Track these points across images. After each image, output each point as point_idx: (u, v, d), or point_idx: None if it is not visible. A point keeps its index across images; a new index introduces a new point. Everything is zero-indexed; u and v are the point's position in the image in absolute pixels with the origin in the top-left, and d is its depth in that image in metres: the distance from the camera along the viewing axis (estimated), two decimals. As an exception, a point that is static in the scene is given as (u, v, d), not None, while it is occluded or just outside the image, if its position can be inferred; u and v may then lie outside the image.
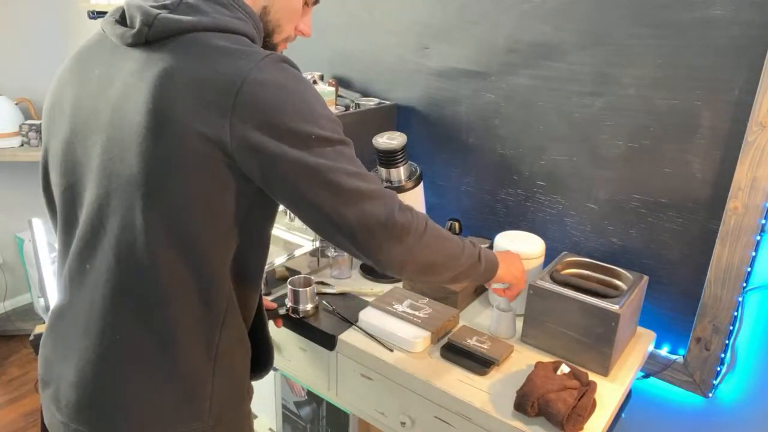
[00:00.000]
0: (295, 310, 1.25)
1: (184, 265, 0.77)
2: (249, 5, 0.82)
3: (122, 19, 0.79)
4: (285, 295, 1.30)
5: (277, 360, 1.40)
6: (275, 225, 1.63)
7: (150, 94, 0.72)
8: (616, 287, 1.20)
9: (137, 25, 0.75)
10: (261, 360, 0.98)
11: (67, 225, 0.84)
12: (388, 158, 1.39)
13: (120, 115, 0.75)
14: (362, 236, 0.79)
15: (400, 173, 1.41)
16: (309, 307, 1.26)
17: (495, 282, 1.07)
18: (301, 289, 1.25)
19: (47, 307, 2.21)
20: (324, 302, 1.31)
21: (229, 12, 0.79)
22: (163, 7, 0.76)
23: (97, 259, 0.79)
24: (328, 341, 1.23)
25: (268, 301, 1.22)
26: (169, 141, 0.72)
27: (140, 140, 0.73)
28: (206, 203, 0.75)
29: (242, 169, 0.74)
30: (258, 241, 0.85)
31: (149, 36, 0.75)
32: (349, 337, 1.22)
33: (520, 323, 1.23)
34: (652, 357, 1.33)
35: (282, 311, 1.24)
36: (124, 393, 0.80)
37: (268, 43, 0.90)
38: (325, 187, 0.76)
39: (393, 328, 1.19)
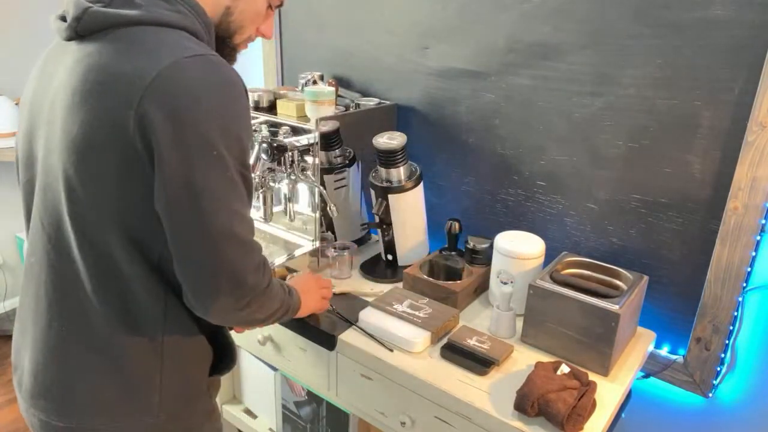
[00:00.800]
0: None
1: (107, 263, 0.78)
2: (197, 1, 0.81)
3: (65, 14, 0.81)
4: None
5: (277, 360, 1.41)
6: (275, 224, 1.63)
7: (73, 87, 0.73)
8: (616, 287, 1.20)
9: (69, 19, 0.76)
10: (223, 358, 0.96)
11: (28, 218, 0.88)
12: (388, 158, 1.39)
13: (53, 109, 0.77)
14: (203, 279, 0.74)
15: (400, 173, 1.41)
16: None
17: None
18: None
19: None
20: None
21: (167, 5, 0.77)
22: (98, 1, 0.76)
23: (38, 253, 0.83)
24: (328, 341, 1.23)
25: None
26: (83, 132, 0.72)
27: (62, 132, 0.75)
28: (122, 198, 0.75)
29: (145, 159, 0.71)
30: None
31: (79, 30, 0.75)
32: (349, 337, 1.22)
33: (520, 323, 1.23)
34: (652, 357, 1.33)
35: None
36: (72, 382, 0.82)
37: (229, 43, 0.90)
38: (195, 209, 0.71)
39: (393, 328, 1.19)
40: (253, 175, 1.39)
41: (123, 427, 0.84)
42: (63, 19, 0.80)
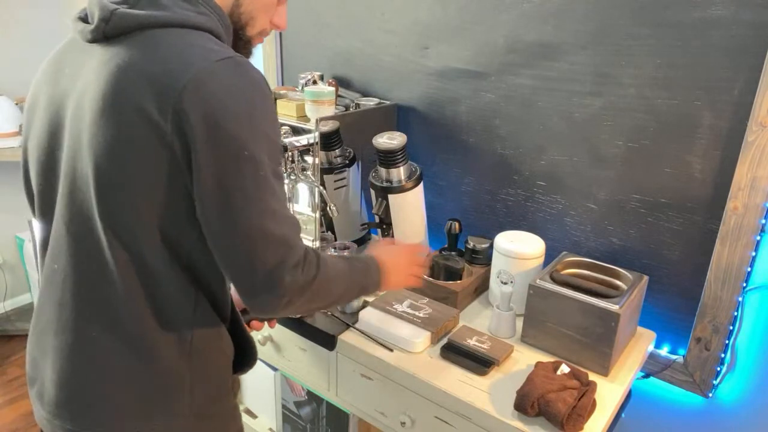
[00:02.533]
0: None
1: (140, 264, 0.77)
2: (217, 2, 0.80)
3: (86, 16, 0.79)
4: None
5: (277, 360, 1.41)
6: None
7: (101, 90, 0.72)
8: (616, 287, 1.20)
9: (95, 20, 0.74)
10: (244, 355, 0.96)
11: (45, 224, 0.86)
12: (388, 158, 1.39)
13: (78, 113, 0.76)
14: (243, 275, 0.75)
15: (400, 173, 1.41)
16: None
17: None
18: None
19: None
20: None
21: (191, 7, 0.77)
22: (123, 2, 0.75)
23: (63, 258, 0.80)
24: (328, 341, 1.23)
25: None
26: (115, 137, 0.72)
27: (90, 137, 0.73)
28: (154, 200, 0.74)
29: (181, 160, 0.72)
30: None
31: (107, 31, 0.74)
32: (349, 337, 1.22)
33: (520, 323, 1.23)
34: (652, 357, 1.33)
35: None
36: (102, 389, 0.81)
37: (242, 36, 0.88)
38: (229, 210, 0.72)
39: (393, 328, 1.19)
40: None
41: (155, 429, 0.83)
42: (83, 20, 0.79)
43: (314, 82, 1.59)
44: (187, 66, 0.70)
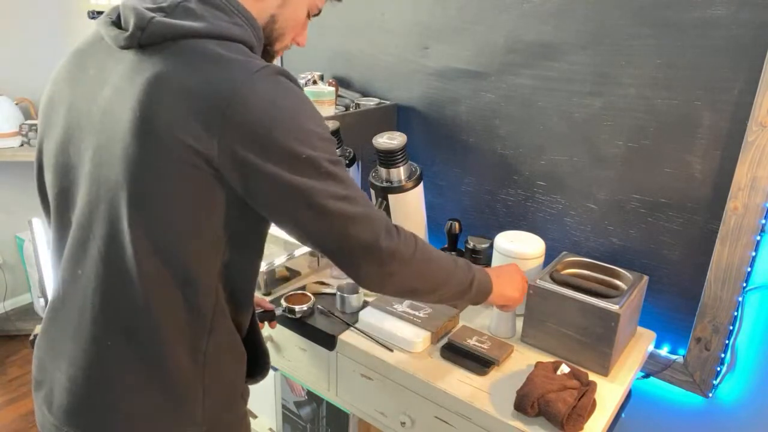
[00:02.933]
0: (291, 311, 1.25)
1: (169, 273, 0.76)
2: (249, 11, 0.80)
3: (118, 20, 0.77)
4: (282, 296, 1.30)
5: (277, 360, 1.41)
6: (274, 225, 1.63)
7: (138, 99, 0.71)
8: (616, 287, 1.20)
9: (131, 28, 0.73)
10: (256, 365, 0.97)
11: (60, 226, 0.84)
12: (388, 158, 1.39)
13: (109, 119, 0.74)
14: (343, 258, 0.80)
15: (400, 173, 1.41)
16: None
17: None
18: (347, 296, 1.28)
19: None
20: (319, 306, 1.31)
21: (227, 18, 0.76)
22: (159, 9, 0.74)
23: (87, 265, 0.79)
24: (328, 341, 1.23)
25: (266, 302, 1.21)
26: (153, 148, 0.71)
27: (125, 146, 0.72)
28: (192, 213, 0.74)
29: (229, 181, 0.73)
30: (249, 251, 0.84)
31: (142, 40, 0.72)
32: (349, 337, 1.22)
33: (520, 323, 1.23)
34: (652, 357, 1.33)
35: (279, 312, 1.23)
36: (115, 398, 0.80)
37: (269, 51, 0.89)
38: (309, 208, 0.75)
39: (393, 328, 1.19)
40: None
41: None
42: (116, 24, 0.77)
43: (314, 82, 1.59)
44: (227, 79, 0.70)
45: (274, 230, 1.62)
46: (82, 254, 0.79)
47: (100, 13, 2.11)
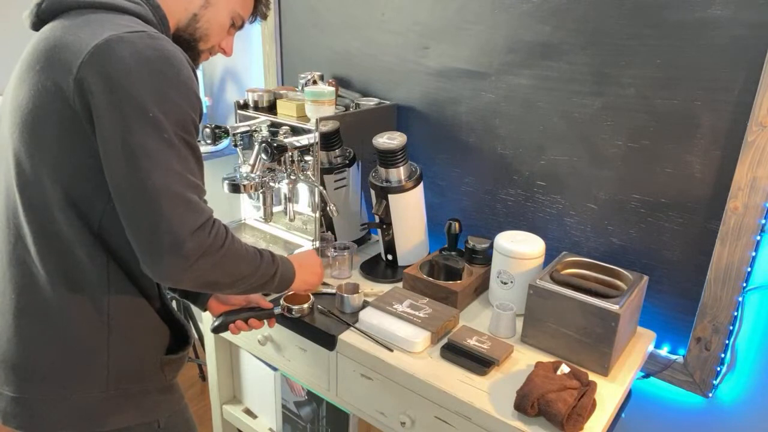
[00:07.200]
0: (290, 310, 1.25)
1: (51, 228, 0.81)
2: (159, 2, 0.86)
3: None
4: (281, 295, 1.30)
5: (277, 360, 1.41)
6: (275, 225, 1.63)
7: (24, 61, 0.81)
8: (616, 287, 1.20)
9: (32, 7, 0.83)
10: (175, 337, 0.99)
11: None
12: (388, 158, 1.39)
13: (9, 87, 0.85)
14: (146, 236, 0.76)
15: (400, 173, 1.41)
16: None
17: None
18: (347, 296, 1.29)
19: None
20: (319, 306, 1.31)
21: None
22: None
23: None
24: (328, 341, 1.23)
25: (265, 301, 1.21)
26: (27, 100, 0.78)
27: (10, 105, 0.81)
28: (63, 163, 0.79)
29: (78, 112, 0.76)
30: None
31: (40, 14, 0.83)
32: (349, 337, 1.22)
33: (520, 323, 1.23)
34: (652, 357, 1.33)
35: (277, 311, 1.23)
36: (24, 351, 0.85)
37: (195, 47, 0.95)
38: (134, 169, 0.74)
39: (393, 328, 1.19)
40: (252, 174, 1.39)
41: (73, 398, 0.86)
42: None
43: (314, 82, 1.59)
44: (97, 35, 0.75)
45: (273, 230, 1.63)
46: None
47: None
